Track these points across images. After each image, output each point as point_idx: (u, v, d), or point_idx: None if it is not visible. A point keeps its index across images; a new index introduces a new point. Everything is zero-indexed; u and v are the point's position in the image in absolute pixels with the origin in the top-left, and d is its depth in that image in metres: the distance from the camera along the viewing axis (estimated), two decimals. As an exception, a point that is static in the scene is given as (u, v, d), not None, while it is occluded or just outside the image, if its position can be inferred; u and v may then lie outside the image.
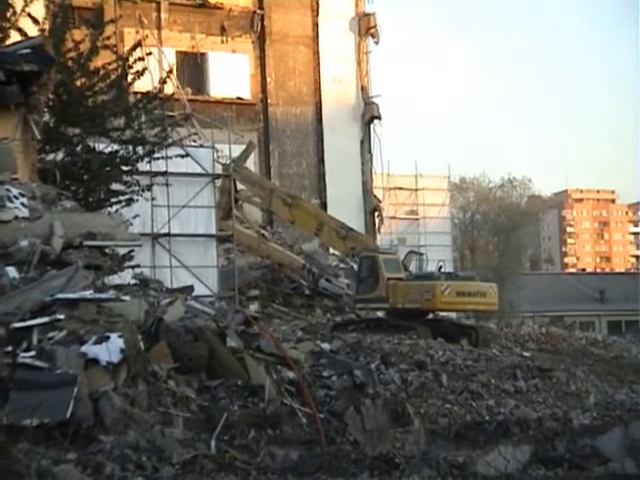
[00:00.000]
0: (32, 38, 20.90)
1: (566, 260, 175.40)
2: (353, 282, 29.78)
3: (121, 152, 23.46)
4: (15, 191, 16.44)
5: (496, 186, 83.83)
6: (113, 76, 23.54)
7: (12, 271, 14.20)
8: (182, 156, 26.43)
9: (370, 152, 48.31)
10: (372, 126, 48.31)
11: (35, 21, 22.85)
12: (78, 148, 23.00)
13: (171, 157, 26.02)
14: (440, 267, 26.59)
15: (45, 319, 12.18)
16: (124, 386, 11.59)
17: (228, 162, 31.74)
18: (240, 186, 33.39)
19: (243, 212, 34.97)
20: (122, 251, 17.86)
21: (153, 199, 26.50)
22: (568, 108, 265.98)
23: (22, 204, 16.21)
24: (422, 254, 30.08)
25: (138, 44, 24.85)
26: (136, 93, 25.00)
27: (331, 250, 37.71)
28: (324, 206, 43.84)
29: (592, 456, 14.41)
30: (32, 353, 11.47)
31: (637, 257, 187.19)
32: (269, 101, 46.51)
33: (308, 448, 12.47)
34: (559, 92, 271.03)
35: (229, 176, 31.35)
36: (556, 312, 63.63)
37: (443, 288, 24.78)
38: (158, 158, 25.01)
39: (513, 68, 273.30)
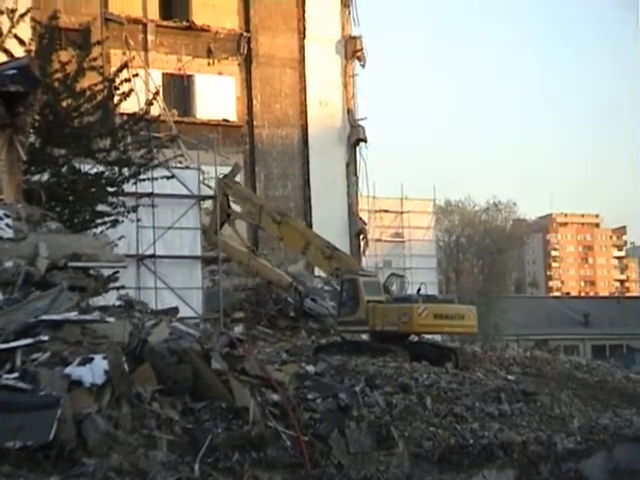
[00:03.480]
0: (18, 59, 20.91)
1: (550, 284, 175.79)
2: (336, 304, 29.73)
3: (107, 173, 23.46)
4: (0, 212, 16.41)
5: (481, 209, 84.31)
6: (99, 97, 23.53)
7: (-4, 292, 14.15)
8: (168, 177, 26.40)
9: (356, 175, 48.38)
10: (358, 149, 48.44)
11: (21, 42, 22.86)
12: (64, 169, 22.98)
13: (157, 178, 25.97)
14: (419, 289, 26.57)
15: (29, 340, 12.13)
16: (108, 408, 11.55)
17: (220, 176, 31.80)
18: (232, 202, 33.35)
19: (235, 227, 34.90)
20: (107, 272, 17.83)
21: (138, 220, 26.45)
22: (553, 132, 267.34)
23: (7, 225, 16.17)
24: (404, 276, 30.01)
25: (124, 66, 24.87)
26: (122, 114, 25.00)
27: (316, 272, 37.69)
28: (309, 228, 43.81)
29: (576, 480, 14.45)
30: (15, 375, 11.42)
31: (621, 281, 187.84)
32: (255, 123, 46.58)
33: (292, 471, 12.45)
34: (544, 116, 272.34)
35: (218, 191, 31.43)
36: (540, 335, 63.81)
37: (420, 310, 24.71)
38: (144, 179, 24.96)
39: (498, 91, 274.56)
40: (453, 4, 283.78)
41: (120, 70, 24.44)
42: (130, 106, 25.04)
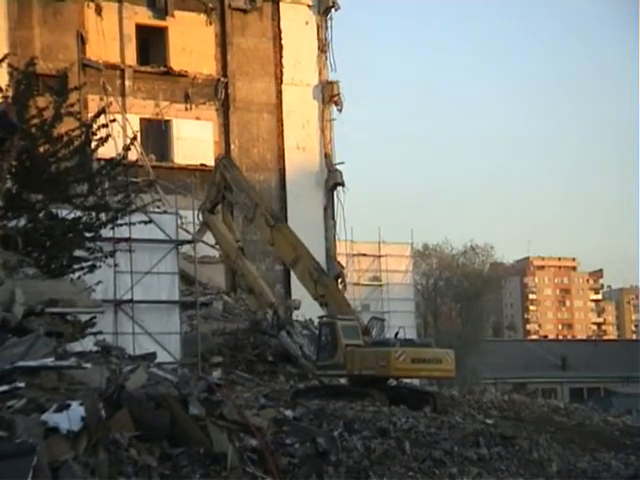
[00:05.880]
0: (-5, 105, 20.92)
1: (528, 327, 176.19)
2: (314, 347, 29.56)
3: (84, 218, 23.36)
4: (-24, 258, 16.36)
5: (459, 253, 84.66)
6: (76, 143, 23.46)
7: (-28, 338, 14.07)
8: (145, 222, 26.37)
9: (333, 219, 48.52)
10: (335, 193, 48.61)
11: (-2, 89, 22.87)
12: (41, 215, 22.89)
13: (134, 223, 25.96)
14: (397, 333, 26.55)
15: (5, 387, 12.04)
16: (85, 455, 11.44)
17: (221, 157, 31.50)
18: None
19: (228, 214, 34.22)
20: (84, 318, 17.76)
21: (116, 265, 26.39)
22: (530, 176, 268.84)
23: (-17, 271, 16.12)
24: (384, 320, 29.95)
25: (102, 111, 24.87)
26: (100, 160, 24.98)
27: (294, 316, 37.56)
28: (287, 272, 43.75)
29: (555, 524, 14.40)
30: (-9, 422, 11.32)
31: (598, 324, 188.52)
32: (233, 168, 46.66)
33: (271, 517, 12.36)
34: (521, 160, 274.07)
35: (216, 170, 31.49)
36: (518, 379, 63.82)
37: (398, 355, 24.68)
38: (121, 224, 24.92)
39: (475, 135, 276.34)
40: (431, 48, 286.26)
41: (97, 115, 24.43)
42: (107, 151, 25.03)
